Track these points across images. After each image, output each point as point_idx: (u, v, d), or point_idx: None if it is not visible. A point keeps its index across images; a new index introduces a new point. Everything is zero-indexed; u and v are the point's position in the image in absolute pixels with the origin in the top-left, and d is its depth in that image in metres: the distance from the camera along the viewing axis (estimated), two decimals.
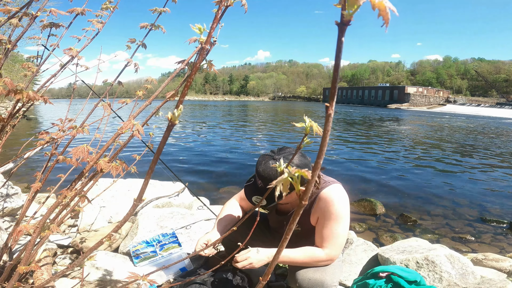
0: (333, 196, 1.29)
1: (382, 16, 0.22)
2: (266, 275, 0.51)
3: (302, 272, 1.28)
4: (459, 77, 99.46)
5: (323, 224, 1.30)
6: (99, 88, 1.67)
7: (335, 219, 1.28)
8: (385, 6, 0.21)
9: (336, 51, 0.23)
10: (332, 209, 1.27)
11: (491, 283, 1.68)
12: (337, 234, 1.28)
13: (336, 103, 0.28)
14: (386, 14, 0.21)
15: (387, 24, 0.22)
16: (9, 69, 15.24)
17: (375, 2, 0.21)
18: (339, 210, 1.27)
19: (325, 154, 0.34)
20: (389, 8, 0.21)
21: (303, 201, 0.36)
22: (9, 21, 1.01)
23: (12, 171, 1.59)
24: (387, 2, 0.22)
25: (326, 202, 1.29)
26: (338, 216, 1.27)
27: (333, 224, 1.28)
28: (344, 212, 1.29)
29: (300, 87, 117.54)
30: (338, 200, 1.28)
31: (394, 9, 0.21)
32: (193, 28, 0.58)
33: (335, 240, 1.28)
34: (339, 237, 1.29)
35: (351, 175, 5.55)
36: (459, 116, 33.99)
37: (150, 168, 0.63)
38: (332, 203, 1.28)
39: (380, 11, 0.22)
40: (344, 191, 1.34)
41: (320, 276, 1.26)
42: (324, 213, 1.29)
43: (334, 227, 1.28)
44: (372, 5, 0.22)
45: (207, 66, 0.76)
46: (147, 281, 0.86)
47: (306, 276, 1.27)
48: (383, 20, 0.22)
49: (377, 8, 0.21)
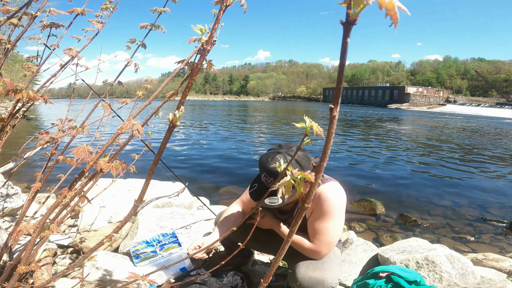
0: (328, 193, 1.30)
1: (390, 15, 0.21)
2: (268, 277, 0.51)
3: (302, 271, 1.29)
4: (459, 77, 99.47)
5: (315, 219, 1.31)
6: (99, 88, 1.67)
7: (327, 216, 1.28)
8: (393, 5, 0.20)
9: (341, 51, 0.23)
10: (326, 206, 1.28)
11: (491, 283, 1.68)
12: (327, 231, 1.29)
13: None
14: (394, 13, 0.21)
15: (396, 24, 0.21)
16: (9, 69, 15.22)
17: (384, 1, 0.20)
18: (332, 207, 1.28)
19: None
20: (398, 7, 0.21)
21: (305, 204, 0.36)
22: (9, 21, 1.01)
23: (12, 171, 1.59)
24: (396, 1, 0.21)
25: (320, 199, 1.29)
26: (331, 213, 1.28)
27: (325, 220, 1.29)
28: (337, 211, 1.29)
29: (300, 87, 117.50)
30: (332, 198, 1.29)
31: (405, 8, 0.20)
32: (194, 29, 0.58)
33: (323, 236, 1.29)
34: (328, 234, 1.29)
35: (351, 175, 5.55)
36: (459, 116, 34.00)
37: (150, 169, 0.63)
38: (325, 200, 1.28)
39: (388, 11, 0.21)
40: (341, 189, 1.34)
41: (320, 274, 1.27)
42: (318, 208, 1.30)
43: (325, 223, 1.29)
44: (379, 4, 0.21)
45: (207, 66, 0.75)
46: (147, 281, 0.86)
47: (306, 275, 1.27)
48: (391, 20, 0.21)
49: (385, 7, 0.21)
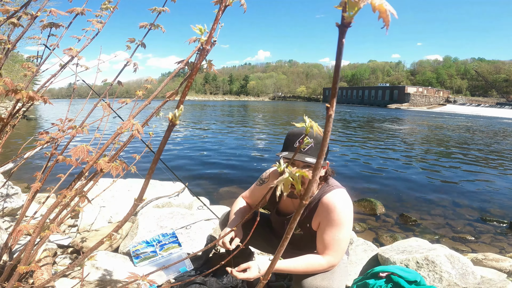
0: (336, 201, 1.26)
1: (382, 18, 0.22)
2: (267, 275, 0.51)
3: (309, 280, 1.24)
4: (459, 77, 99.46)
5: (325, 230, 1.26)
6: (99, 88, 1.67)
7: (337, 226, 1.24)
8: (385, 9, 0.21)
9: (337, 53, 0.23)
10: (334, 215, 1.24)
11: (491, 283, 1.68)
12: (339, 241, 1.24)
13: (336, 103, 0.28)
14: (386, 16, 0.22)
15: (388, 26, 0.22)
16: (9, 69, 15.24)
17: (376, 5, 0.21)
18: (341, 216, 1.24)
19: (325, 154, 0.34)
20: (389, 11, 0.21)
21: (303, 200, 0.36)
22: (9, 21, 1.01)
23: (12, 171, 1.59)
24: (387, 5, 0.22)
25: (328, 208, 1.25)
26: (340, 222, 1.24)
27: (334, 230, 1.24)
28: (346, 219, 1.25)
29: (300, 87, 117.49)
30: (340, 206, 1.25)
31: (394, 12, 0.21)
32: (193, 29, 0.58)
33: (336, 247, 1.25)
34: (341, 243, 1.25)
35: (351, 175, 5.55)
36: (459, 116, 33.99)
37: (150, 168, 0.63)
38: (334, 209, 1.24)
39: (380, 13, 0.22)
40: (348, 196, 1.31)
41: (327, 284, 1.23)
42: (326, 219, 1.26)
43: (335, 233, 1.24)
44: (372, 7, 0.22)
45: (207, 66, 0.75)
46: (147, 281, 0.86)
47: (313, 284, 1.23)
48: (383, 22, 0.22)
49: (378, 10, 0.22)
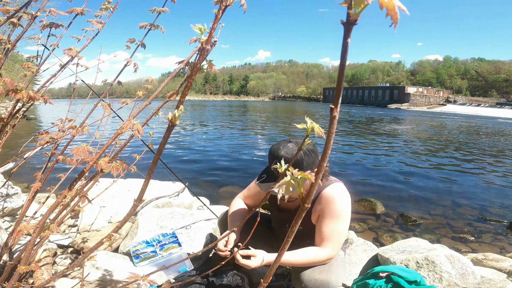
0: (335, 194, 1.29)
1: (390, 15, 0.21)
2: (268, 277, 0.51)
3: (308, 273, 1.27)
4: (459, 77, 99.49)
5: (324, 223, 1.29)
6: (99, 88, 1.66)
7: (336, 218, 1.27)
8: (394, 5, 0.21)
9: (342, 52, 0.23)
10: (333, 208, 1.27)
11: (491, 283, 1.68)
12: (338, 233, 1.28)
13: None
14: (395, 13, 0.21)
15: (396, 24, 0.21)
16: (9, 69, 15.22)
17: (384, 1, 0.21)
18: (340, 208, 1.27)
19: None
20: (398, 7, 0.21)
21: (305, 203, 0.36)
22: (9, 21, 1.01)
23: (12, 171, 1.58)
24: (396, 0, 0.21)
25: (327, 201, 1.28)
26: (338, 214, 1.27)
27: (334, 222, 1.27)
28: (345, 211, 1.28)
29: (300, 87, 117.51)
30: (339, 199, 1.28)
31: (404, 8, 0.20)
32: (193, 29, 0.58)
33: (335, 239, 1.28)
34: (340, 236, 1.29)
35: (351, 175, 5.55)
36: (459, 116, 34.00)
37: (150, 168, 0.63)
38: (333, 201, 1.27)
39: (388, 11, 0.21)
40: (346, 190, 1.34)
41: (326, 277, 1.26)
42: (325, 211, 1.29)
43: (334, 225, 1.27)
44: (380, 4, 0.21)
45: (207, 66, 0.75)
46: (147, 281, 0.86)
47: (312, 277, 1.26)
48: (391, 20, 0.21)
49: (385, 7, 0.21)
